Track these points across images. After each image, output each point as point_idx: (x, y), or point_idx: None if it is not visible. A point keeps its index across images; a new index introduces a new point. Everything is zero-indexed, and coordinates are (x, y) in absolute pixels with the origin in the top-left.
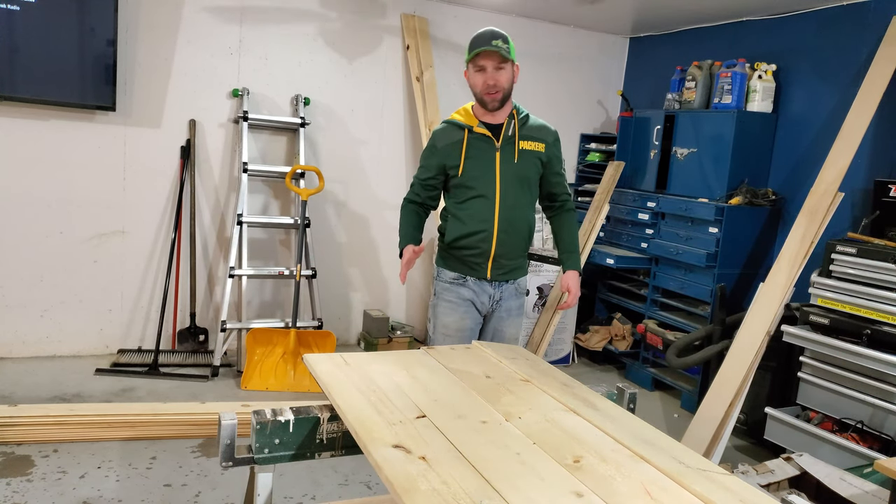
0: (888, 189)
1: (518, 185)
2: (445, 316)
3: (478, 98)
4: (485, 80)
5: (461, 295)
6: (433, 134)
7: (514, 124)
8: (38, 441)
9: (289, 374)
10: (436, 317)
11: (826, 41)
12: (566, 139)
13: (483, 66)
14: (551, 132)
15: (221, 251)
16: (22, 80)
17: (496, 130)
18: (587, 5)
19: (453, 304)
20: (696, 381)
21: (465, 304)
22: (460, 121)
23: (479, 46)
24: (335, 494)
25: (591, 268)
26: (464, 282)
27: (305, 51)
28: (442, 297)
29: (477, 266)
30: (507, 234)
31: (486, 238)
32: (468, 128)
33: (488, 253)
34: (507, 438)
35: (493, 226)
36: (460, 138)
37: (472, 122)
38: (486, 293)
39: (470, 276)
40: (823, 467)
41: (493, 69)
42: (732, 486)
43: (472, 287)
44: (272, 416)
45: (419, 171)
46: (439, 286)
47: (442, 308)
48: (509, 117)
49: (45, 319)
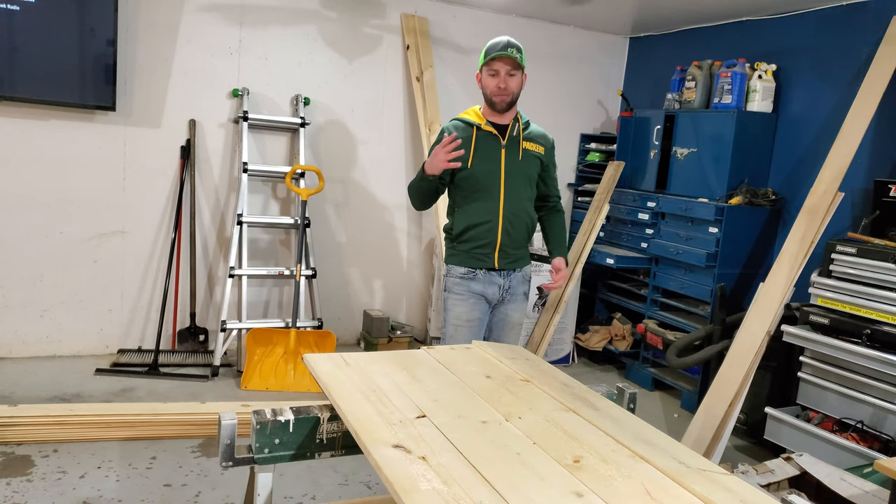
0: (888, 189)
1: (521, 180)
2: (456, 307)
3: (488, 99)
4: (497, 83)
5: (471, 289)
6: (446, 128)
7: (518, 126)
8: (38, 441)
9: (289, 374)
10: (447, 310)
11: (826, 41)
12: (566, 139)
13: (497, 71)
14: (549, 140)
15: (221, 251)
16: (22, 80)
17: (502, 130)
18: (587, 5)
19: (463, 296)
20: (696, 381)
21: (474, 297)
22: (470, 119)
23: (496, 52)
24: (335, 494)
25: (591, 268)
26: (474, 276)
27: (305, 51)
28: (453, 291)
29: (485, 257)
30: (512, 224)
31: (492, 228)
32: (477, 126)
33: (494, 243)
34: (507, 438)
35: (498, 217)
36: (470, 134)
37: (481, 121)
38: (496, 283)
39: (479, 270)
40: (823, 467)
41: (505, 74)
42: (732, 486)
43: (482, 280)
44: (272, 416)
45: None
46: (450, 281)
47: (452, 301)
48: (514, 120)
49: (45, 319)
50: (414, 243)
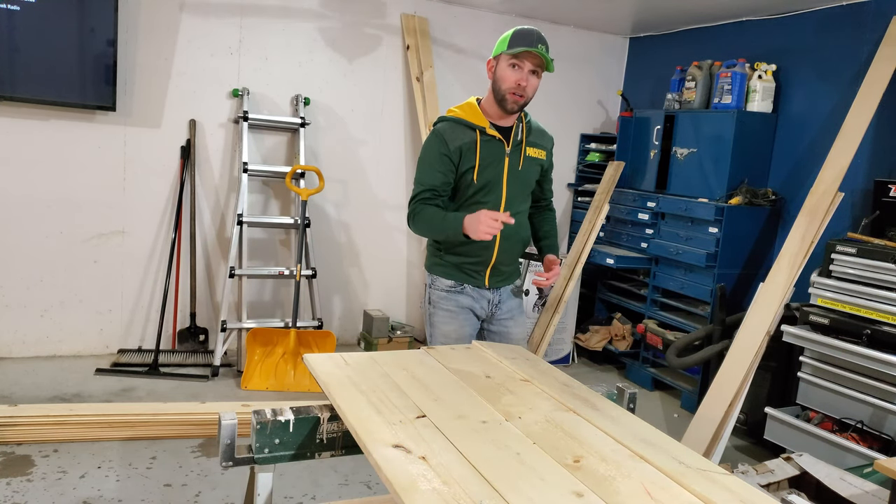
0: (888, 189)
1: (521, 192)
2: (445, 325)
3: (498, 94)
4: (518, 80)
5: (460, 303)
6: (438, 134)
7: (522, 128)
8: (38, 441)
9: (289, 374)
10: (434, 326)
11: (826, 41)
12: (566, 139)
13: (521, 65)
14: (550, 139)
15: (221, 251)
16: (22, 80)
17: (506, 133)
18: (588, 4)
19: (452, 312)
20: (696, 381)
21: (464, 312)
22: (469, 120)
23: (526, 45)
24: (335, 494)
25: (591, 268)
26: (462, 289)
27: (305, 51)
28: (440, 307)
29: (475, 274)
30: (509, 241)
31: (487, 246)
32: (480, 129)
33: (488, 262)
34: (507, 438)
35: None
36: (473, 139)
37: (483, 123)
38: (485, 298)
39: (468, 284)
40: (823, 467)
41: (529, 71)
42: (732, 486)
43: (471, 294)
44: (272, 416)
45: (429, 175)
46: (435, 294)
47: (440, 317)
48: (518, 120)
49: (45, 319)
50: (414, 243)
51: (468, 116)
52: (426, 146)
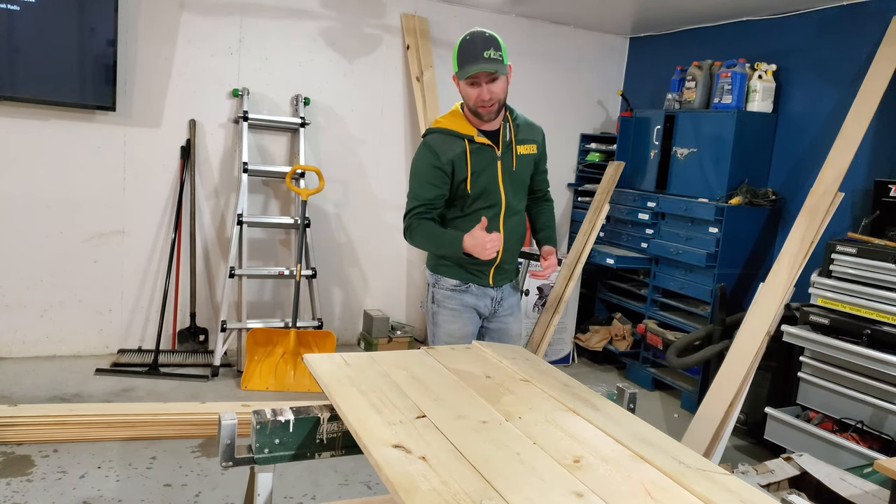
0: (888, 189)
1: (518, 192)
2: (449, 324)
3: (470, 108)
4: (479, 95)
5: (464, 302)
6: (429, 146)
7: (509, 128)
8: (38, 441)
9: (289, 374)
10: (437, 325)
11: (826, 41)
12: (566, 139)
13: (476, 82)
14: (539, 130)
15: (221, 251)
16: (22, 80)
17: (494, 137)
18: (588, 4)
19: (456, 311)
20: (696, 381)
21: (468, 311)
22: (456, 130)
23: (472, 64)
24: (335, 494)
25: (591, 268)
26: (467, 288)
27: (305, 51)
28: (444, 305)
29: (479, 273)
30: (511, 241)
31: None
32: (468, 138)
33: (493, 262)
34: (507, 438)
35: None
36: (462, 149)
37: (471, 132)
38: (489, 296)
39: (473, 283)
40: (823, 467)
41: (486, 82)
42: (732, 486)
43: (475, 292)
44: (272, 416)
45: (423, 189)
46: (439, 293)
47: (444, 316)
48: (504, 120)
49: (45, 319)
50: None
51: (455, 126)
52: (417, 160)
